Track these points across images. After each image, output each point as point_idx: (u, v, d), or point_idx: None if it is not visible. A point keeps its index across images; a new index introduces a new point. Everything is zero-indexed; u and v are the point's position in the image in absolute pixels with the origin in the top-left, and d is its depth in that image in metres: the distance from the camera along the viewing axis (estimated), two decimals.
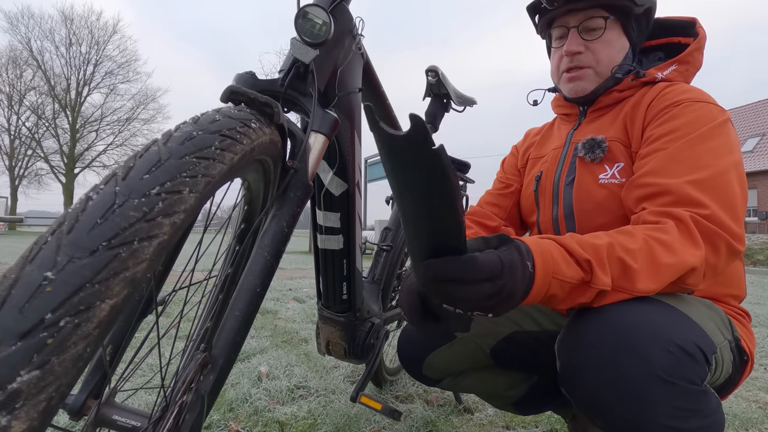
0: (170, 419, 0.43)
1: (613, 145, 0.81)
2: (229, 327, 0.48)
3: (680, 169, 0.67)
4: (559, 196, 0.87)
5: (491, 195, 1.08)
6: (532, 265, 0.51)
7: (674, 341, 0.54)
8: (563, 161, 0.89)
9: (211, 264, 0.61)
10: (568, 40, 0.84)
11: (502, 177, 1.09)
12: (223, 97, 0.50)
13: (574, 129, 0.91)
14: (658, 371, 0.53)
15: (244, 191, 0.59)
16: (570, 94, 0.88)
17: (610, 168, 0.80)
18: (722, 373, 0.65)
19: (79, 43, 23.91)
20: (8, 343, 0.24)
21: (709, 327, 0.62)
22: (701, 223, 0.61)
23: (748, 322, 0.78)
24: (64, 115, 23.52)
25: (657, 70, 0.83)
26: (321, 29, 0.62)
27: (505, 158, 1.13)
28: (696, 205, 0.63)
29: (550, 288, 0.53)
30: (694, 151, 0.68)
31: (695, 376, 0.55)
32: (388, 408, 0.94)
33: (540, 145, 1.01)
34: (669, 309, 0.59)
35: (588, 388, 0.57)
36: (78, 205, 0.31)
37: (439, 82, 1.34)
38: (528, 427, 1.25)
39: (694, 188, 0.64)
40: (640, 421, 0.54)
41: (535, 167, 0.98)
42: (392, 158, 0.43)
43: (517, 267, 0.49)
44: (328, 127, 0.64)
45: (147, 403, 1.24)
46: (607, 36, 0.83)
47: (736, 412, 1.39)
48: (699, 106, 0.72)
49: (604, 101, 0.87)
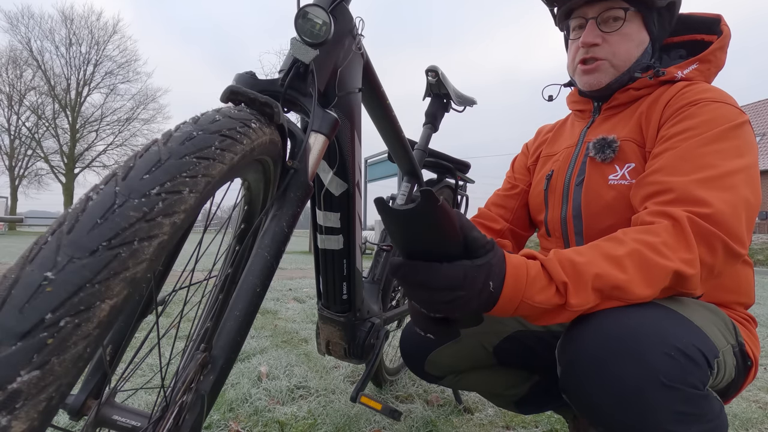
0: (170, 419, 0.43)
1: (625, 144, 0.79)
2: (229, 327, 0.47)
3: (687, 167, 0.66)
4: (569, 196, 0.86)
5: (498, 196, 1.06)
6: (497, 285, 0.53)
7: (675, 345, 0.53)
8: (575, 161, 0.87)
9: (211, 264, 0.61)
10: (586, 30, 0.82)
11: (510, 177, 1.08)
12: (223, 97, 0.50)
13: (588, 127, 0.89)
14: (660, 376, 0.52)
15: (244, 191, 0.59)
16: (584, 86, 0.86)
17: (621, 168, 0.78)
18: (725, 377, 0.64)
19: (79, 43, 23.94)
20: (8, 343, 0.24)
21: (711, 331, 0.61)
22: (697, 223, 0.59)
23: (753, 327, 0.77)
24: (64, 115, 23.53)
25: (677, 69, 0.80)
26: (321, 29, 0.62)
27: (516, 157, 1.11)
28: (697, 203, 0.61)
29: (519, 309, 0.55)
30: (704, 150, 0.66)
31: (697, 380, 0.54)
32: (388, 408, 0.94)
33: (552, 143, 0.99)
34: (670, 313, 0.58)
35: (589, 393, 0.56)
36: (78, 205, 0.31)
37: (439, 82, 1.34)
38: (528, 427, 1.25)
39: (698, 186, 0.63)
40: (642, 427, 0.53)
41: (546, 165, 0.96)
42: (399, 225, 0.51)
43: (477, 284, 0.52)
44: (328, 127, 0.64)
45: (147, 403, 1.24)
46: (626, 29, 0.80)
47: (736, 412, 1.39)
48: (716, 106, 0.70)
49: (619, 99, 0.84)
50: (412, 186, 1.28)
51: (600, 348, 0.55)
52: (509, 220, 1.02)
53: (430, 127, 1.39)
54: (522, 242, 1.04)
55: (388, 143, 1.15)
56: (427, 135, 1.38)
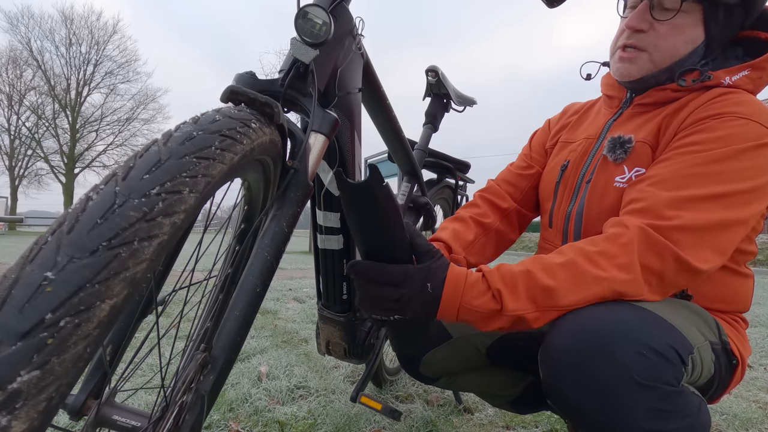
0: (170, 419, 0.43)
1: (640, 147, 0.74)
2: (229, 327, 0.47)
3: (673, 183, 0.63)
4: (579, 192, 0.82)
5: (511, 173, 1.00)
6: (435, 287, 0.58)
7: (647, 344, 0.54)
8: (592, 156, 0.82)
9: (211, 264, 0.61)
10: (635, 12, 0.74)
11: (526, 154, 1.01)
12: (223, 97, 0.50)
13: (613, 120, 0.83)
14: (633, 375, 0.52)
15: (244, 191, 0.59)
16: (615, 74, 0.79)
17: (629, 171, 0.74)
18: (702, 372, 0.63)
19: (79, 43, 23.96)
20: (8, 343, 0.24)
21: (686, 328, 0.61)
22: (647, 233, 0.59)
23: (743, 327, 0.76)
24: (64, 115, 23.55)
25: (726, 73, 0.71)
26: (321, 29, 0.62)
27: (535, 133, 1.04)
28: (660, 218, 0.60)
29: (460, 313, 0.59)
30: (699, 170, 0.62)
31: (671, 377, 0.55)
32: (388, 408, 0.94)
33: (574, 128, 0.93)
34: (643, 312, 0.58)
35: (567, 396, 0.57)
36: (78, 205, 0.31)
37: (439, 82, 1.34)
38: (528, 427, 1.25)
39: (671, 204, 0.61)
40: (620, 426, 0.53)
41: (562, 153, 0.90)
42: (352, 201, 0.55)
43: (417, 283, 0.58)
44: (328, 127, 0.64)
45: (147, 403, 1.24)
46: (678, 20, 0.71)
47: (736, 412, 1.39)
48: (740, 123, 0.64)
49: (654, 96, 0.77)
50: (412, 186, 1.28)
51: (575, 352, 0.55)
52: (518, 200, 0.98)
53: (430, 127, 1.39)
54: (525, 223, 1.00)
55: (388, 143, 1.15)
56: (427, 135, 1.38)
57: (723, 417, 1.37)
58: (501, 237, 0.96)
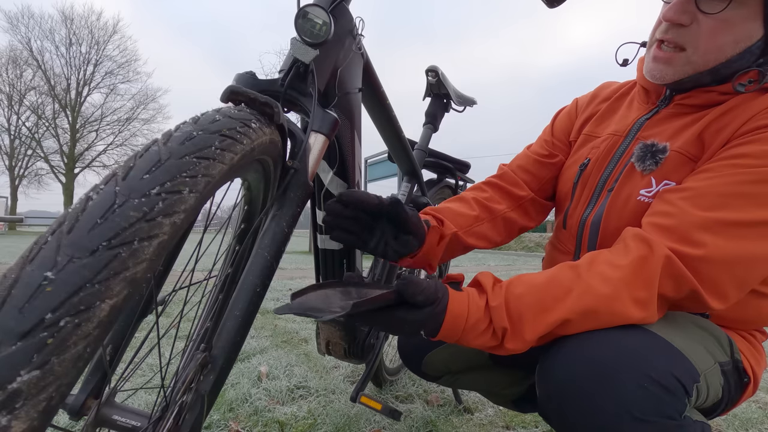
0: (170, 419, 0.43)
1: (675, 156, 0.65)
2: (229, 327, 0.47)
3: (708, 201, 0.56)
4: (599, 200, 0.73)
5: (529, 160, 0.90)
6: (430, 333, 0.56)
7: (650, 375, 0.51)
8: (618, 159, 0.72)
9: (211, 264, 0.61)
10: (676, 2, 0.62)
11: (548, 140, 0.90)
12: (223, 97, 0.50)
13: (648, 118, 0.72)
14: (632, 410, 0.50)
15: (244, 191, 0.59)
16: (647, 74, 0.69)
17: (657, 184, 0.66)
18: (708, 397, 0.61)
19: (79, 43, 23.96)
20: (8, 343, 0.24)
21: (694, 351, 0.58)
22: (673, 262, 0.54)
23: (759, 341, 0.70)
24: (64, 115, 23.55)
25: None
26: (321, 29, 0.62)
27: (559, 113, 0.92)
28: (689, 244, 0.55)
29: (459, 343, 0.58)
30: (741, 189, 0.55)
31: (672, 410, 0.52)
32: (388, 408, 0.94)
33: (601, 119, 0.82)
34: (647, 336, 0.55)
35: (564, 422, 0.55)
36: (78, 205, 0.31)
37: (439, 82, 1.34)
38: (528, 427, 1.25)
39: (702, 226, 0.55)
40: None
41: (584, 148, 0.80)
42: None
43: (412, 332, 0.56)
44: (328, 127, 0.64)
45: (147, 403, 1.24)
46: (728, 14, 0.59)
47: (736, 412, 1.39)
48: None
49: (699, 98, 0.67)
50: (412, 186, 1.28)
51: (574, 377, 0.54)
52: (535, 189, 0.89)
53: (430, 127, 1.39)
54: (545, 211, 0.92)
55: (388, 143, 1.15)
56: (427, 135, 1.38)
57: (723, 417, 1.37)
58: (510, 224, 0.88)
